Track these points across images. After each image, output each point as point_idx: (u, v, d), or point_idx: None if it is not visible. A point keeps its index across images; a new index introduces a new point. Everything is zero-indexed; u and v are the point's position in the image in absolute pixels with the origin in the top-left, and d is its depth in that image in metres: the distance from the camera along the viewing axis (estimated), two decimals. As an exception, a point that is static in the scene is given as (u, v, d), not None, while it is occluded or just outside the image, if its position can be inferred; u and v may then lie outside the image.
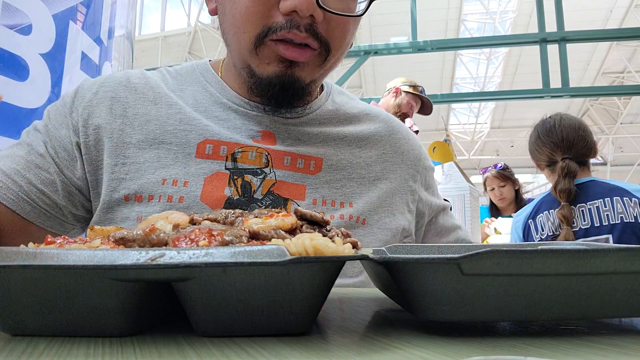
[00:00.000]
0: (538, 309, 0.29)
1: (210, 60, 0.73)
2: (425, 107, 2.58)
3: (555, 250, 0.27)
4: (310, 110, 0.69)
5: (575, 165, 1.49)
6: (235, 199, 0.61)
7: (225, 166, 0.62)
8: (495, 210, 2.82)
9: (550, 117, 1.61)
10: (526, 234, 1.63)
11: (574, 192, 1.47)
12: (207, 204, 0.60)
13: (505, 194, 2.71)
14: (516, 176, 2.81)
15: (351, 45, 0.68)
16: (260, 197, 0.62)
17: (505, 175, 2.72)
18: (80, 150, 0.62)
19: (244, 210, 0.61)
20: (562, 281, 0.28)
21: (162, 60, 8.99)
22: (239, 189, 0.62)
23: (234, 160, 0.63)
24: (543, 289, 0.28)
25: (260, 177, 0.62)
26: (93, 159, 0.62)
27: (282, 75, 0.58)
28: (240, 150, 0.63)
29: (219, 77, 0.69)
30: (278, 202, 0.62)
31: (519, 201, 2.73)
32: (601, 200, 1.45)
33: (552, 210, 1.54)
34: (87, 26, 1.34)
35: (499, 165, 2.78)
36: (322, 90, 0.74)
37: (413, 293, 0.30)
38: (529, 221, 1.62)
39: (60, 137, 0.62)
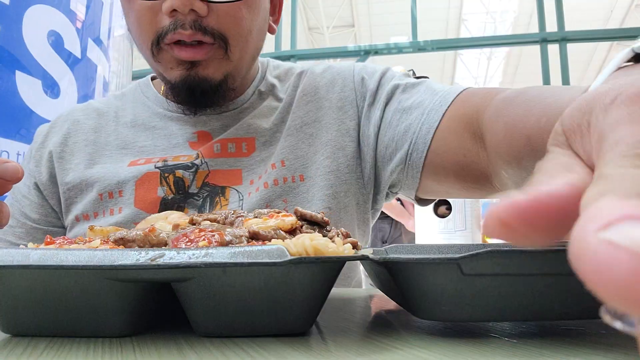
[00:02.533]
0: (539, 309, 0.29)
1: (153, 77, 0.75)
2: None
3: (556, 250, 0.27)
4: (244, 99, 0.67)
5: None
6: (169, 197, 0.60)
7: (155, 165, 0.62)
8: None
9: None
10: None
11: None
12: (141, 209, 0.60)
13: None
14: None
15: (272, 29, 0.66)
16: (195, 191, 0.60)
17: None
18: (39, 188, 0.66)
19: (181, 207, 0.60)
20: (563, 281, 0.28)
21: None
22: (172, 187, 0.61)
23: (164, 159, 0.63)
24: (544, 289, 0.28)
25: (192, 170, 0.61)
26: (53, 192, 0.66)
27: (186, 78, 0.56)
28: (171, 156, 0.64)
29: (160, 91, 0.70)
30: (215, 191, 0.60)
31: None
32: None
33: None
34: (86, 26, 1.34)
35: None
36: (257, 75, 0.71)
37: (413, 293, 0.30)
38: None
39: (21, 187, 0.67)
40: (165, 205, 0.60)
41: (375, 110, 0.63)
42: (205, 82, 0.57)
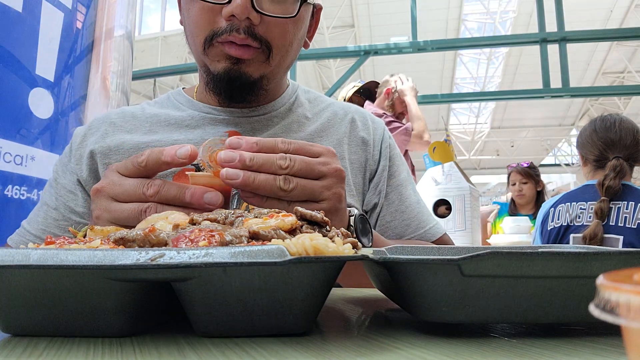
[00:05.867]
0: (538, 311, 0.29)
1: (183, 88, 0.83)
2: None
3: (555, 253, 0.27)
4: (274, 107, 0.76)
5: (627, 166, 1.53)
6: None
7: (191, 163, 0.67)
8: (514, 207, 2.91)
9: (610, 115, 1.64)
10: (544, 222, 1.66)
11: (619, 191, 1.50)
12: None
13: (525, 190, 2.86)
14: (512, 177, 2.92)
15: (306, 45, 0.76)
16: None
17: (528, 173, 2.87)
18: (81, 184, 0.71)
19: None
20: (563, 283, 0.28)
21: (161, 60, 8.97)
22: None
23: (197, 167, 0.68)
24: (543, 291, 0.28)
25: None
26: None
27: (229, 71, 0.65)
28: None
29: (194, 98, 0.78)
30: None
31: (539, 203, 2.82)
32: (624, 202, 1.47)
33: (574, 203, 1.57)
34: (86, 26, 1.34)
35: (526, 163, 2.93)
36: (287, 89, 0.81)
37: (413, 294, 0.30)
38: (550, 209, 1.66)
39: (65, 184, 0.72)
40: None
41: (382, 185, 0.78)
42: (244, 77, 0.66)
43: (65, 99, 1.25)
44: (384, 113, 2.43)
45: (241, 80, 0.66)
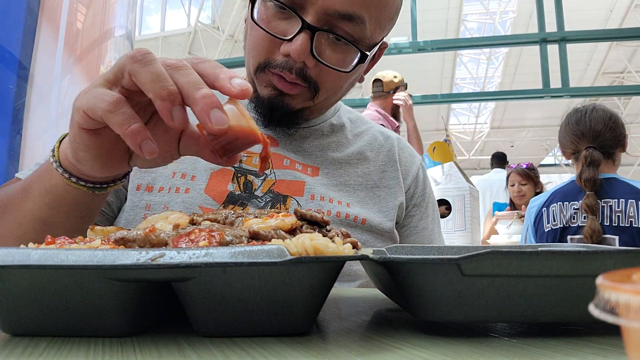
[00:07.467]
0: (538, 310, 0.29)
1: None
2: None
3: (555, 252, 0.27)
4: (314, 123, 0.76)
5: (599, 154, 1.49)
6: (236, 193, 0.67)
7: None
8: (512, 207, 2.91)
9: (583, 106, 1.61)
10: (537, 222, 1.63)
11: (599, 181, 1.47)
12: (210, 196, 0.66)
13: (525, 192, 2.87)
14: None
15: (361, 79, 0.75)
16: (260, 195, 0.68)
17: (528, 175, 2.87)
18: None
19: (244, 204, 0.65)
20: (562, 283, 0.28)
21: (162, 60, 8.96)
22: (241, 186, 0.68)
23: (240, 161, 0.68)
24: (543, 291, 0.28)
25: (261, 178, 0.69)
26: None
27: (273, 100, 0.66)
28: (246, 155, 0.70)
29: None
30: (278, 199, 0.68)
31: None
32: (616, 200, 1.44)
33: (566, 203, 1.54)
34: (86, 26, 1.34)
35: (526, 164, 2.93)
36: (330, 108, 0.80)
37: (413, 293, 0.30)
38: (542, 209, 1.62)
39: None
40: (231, 198, 0.67)
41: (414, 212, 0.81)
42: (286, 107, 0.66)
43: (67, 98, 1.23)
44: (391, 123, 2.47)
45: (282, 110, 0.66)
